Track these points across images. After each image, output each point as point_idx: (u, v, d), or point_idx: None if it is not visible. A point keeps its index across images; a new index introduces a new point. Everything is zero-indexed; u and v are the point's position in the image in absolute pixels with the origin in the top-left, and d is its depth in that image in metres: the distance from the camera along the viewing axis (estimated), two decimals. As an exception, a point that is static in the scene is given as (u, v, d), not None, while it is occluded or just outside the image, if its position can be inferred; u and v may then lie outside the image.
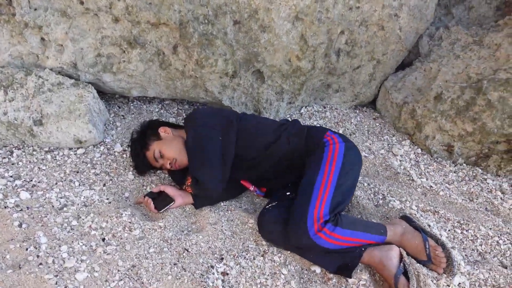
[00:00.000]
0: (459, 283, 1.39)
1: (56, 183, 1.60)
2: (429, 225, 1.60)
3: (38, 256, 1.28)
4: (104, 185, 1.65)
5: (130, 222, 1.46)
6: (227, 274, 1.32)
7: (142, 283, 1.26)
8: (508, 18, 2.11)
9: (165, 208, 1.53)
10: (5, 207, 1.44)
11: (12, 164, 1.66)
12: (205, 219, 1.53)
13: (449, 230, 1.63)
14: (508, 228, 1.69)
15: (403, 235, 1.47)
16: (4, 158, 1.68)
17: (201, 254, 1.39)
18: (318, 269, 1.41)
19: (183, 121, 1.78)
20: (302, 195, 1.41)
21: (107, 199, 1.57)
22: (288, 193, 1.55)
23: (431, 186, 1.88)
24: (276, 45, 2.03)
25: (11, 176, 1.59)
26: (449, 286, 1.37)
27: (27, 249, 1.30)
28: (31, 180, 1.59)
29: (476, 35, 2.23)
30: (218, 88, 2.08)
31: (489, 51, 2.06)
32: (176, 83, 2.06)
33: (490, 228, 1.68)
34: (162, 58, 1.95)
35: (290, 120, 1.89)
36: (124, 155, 1.83)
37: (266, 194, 1.69)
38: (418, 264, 1.40)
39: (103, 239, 1.39)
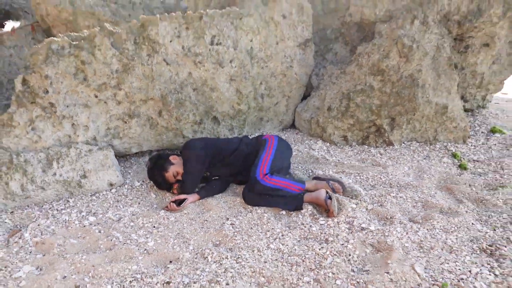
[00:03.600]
0: (364, 200, 2.47)
1: (108, 208, 2.43)
2: (341, 177, 2.70)
3: (120, 242, 2.11)
4: (139, 203, 2.51)
5: (166, 216, 2.34)
6: (234, 224, 2.26)
7: (187, 239, 2.14)
8: (354, 55, 3.49)
9: (183, 204, 2.44)
10: (84, 226, 2.25)
11: (73, 206, 2.46)
12: (210, 204, 2.47)
13: (352, 178, 2.75)
14: (385, 171, 2.85)
15: (316, 184, 2.54)
16: (66, 204, 2.48)
17: (215, 220, 2.31)
18: (283, 212, 2.39)
19: (182, 148, 2.72)
20: (254, 165, 2.47)
21: (146, 209, 2.44)
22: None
23: (339, 160, 3.03)
24: (222, 98, 3.15)
25: (76, 212, 2.39)
26: (357, 204, 2.43)
27: (111, 240, 2.12)
28: (91, 211, 2.41)
29: (341, 68, 3.57)
30: (191, 133, 3.10)
31: (349, 76, 3.39)
32: (163, 137, 3.03)
33: (376, 173, 2.83)
34: (151, 122, 2.94)
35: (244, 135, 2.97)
36: (143, 187, 2.72)
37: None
38: (337, 194, 2.46)
39: (154, 226, 2.25)
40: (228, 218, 2.32)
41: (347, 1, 3.84)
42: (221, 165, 2.66)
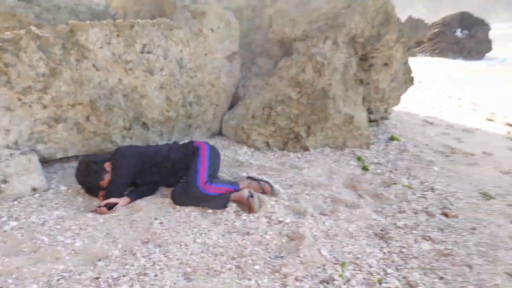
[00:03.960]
0: (282, 198, 2.76)
1: (31, 213, 2.41)
2: (262, 178, 2.98)
3: (45, 244, 2.12)
4: (65, 207, 2.52)
5: (94, 218, 2.39)
6: (162, 222, 2.39)
7: (116, 238, 2.22)
8: (276, 69, 3.84)
9: (114, 208, 2.50)
10: (4, 231, 2.21)
11: (-9, 212, 2.39)
12: (139, 205, 2.56)
13: (273, 179, 3.04)
14: (300, 171, 3.20)
15: (249, 184, 2.80)
16: (-17, 210, 2.39)
17: (143, 220, 2.42)
18: (210, 210, 2.59)
19: (112, 154, 2.76)
20: (192, 173, 2.62)
21: (73, 212, 2.46)
22: (184, 177, 2.73)
23: (261, 164, 3.32)
24: (152, 105, 3.27)
25: (-4, 217, 2.33)
26: (275, 201, 2.72)
27: (36, 243, 2.12)
28: (12, 216, 2.36)
29: (265, 80, 3.90)
30: (120, 139, 3.16)
31: (272, 87, 3.72)
32: (90, 141, 3.05)
33: (293, 174, 3.16)
34: (79, 126, 2.95)
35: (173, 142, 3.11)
36: (69, 191, 2.71)
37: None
38: (258, 193, 2.73)
39: (81, 228, 2.29)
40: (156, 218, 2.45)
41: (270, 20, 4.21)
42: (151, 172, 2.77)
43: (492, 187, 3.11)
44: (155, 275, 1.93)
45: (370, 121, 4.40)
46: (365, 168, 3.35)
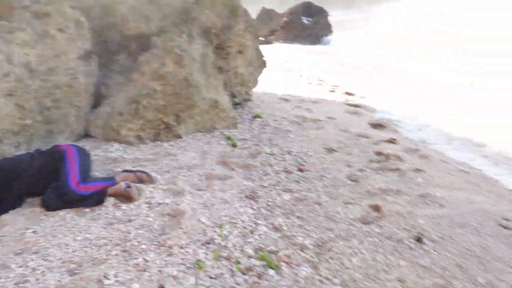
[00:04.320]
0: (161, 183, 2.90)
1: None
2: (139, 169, 3.06)
3: None
4: None
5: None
6: (36, 231, 2.30)
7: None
8: (137, 64, 3.89)
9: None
10: None
11: None
12: (3, 220, 2.35)
13: (149, 168, 3.15)
14: (175, 158, 3.38)
15: (125, 177, 2.86)
16: None
17: (12, 233, 2.26)
18: (87, 209, 2.57)
19: None
20: (62, 176, 2.57)
21: None
22: (53, 183, 2.64)
23: (136, 157, 3.38)
24: (1, 115, 3.00)
25: None
26: (154, 187, 2.85)
27: None
28: None
29: (127, 76, 3.91)
30: (-33, 156, 2.83)
31: (135, 82, 3.77)
32: None
33: (168, 161, 3.32)
34: None
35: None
36: None
37: None
38: (135, 183, 2.81)
39: None
40: (28, 228, 2.33)
41: (125, 17, 4.20)
42: (12, 185, 2.60)
43: (334, 143, 3.82)
44: (37, 279, 1.90)
45: (235, 104, 4.81)
46: (234, 145, 3.72)
